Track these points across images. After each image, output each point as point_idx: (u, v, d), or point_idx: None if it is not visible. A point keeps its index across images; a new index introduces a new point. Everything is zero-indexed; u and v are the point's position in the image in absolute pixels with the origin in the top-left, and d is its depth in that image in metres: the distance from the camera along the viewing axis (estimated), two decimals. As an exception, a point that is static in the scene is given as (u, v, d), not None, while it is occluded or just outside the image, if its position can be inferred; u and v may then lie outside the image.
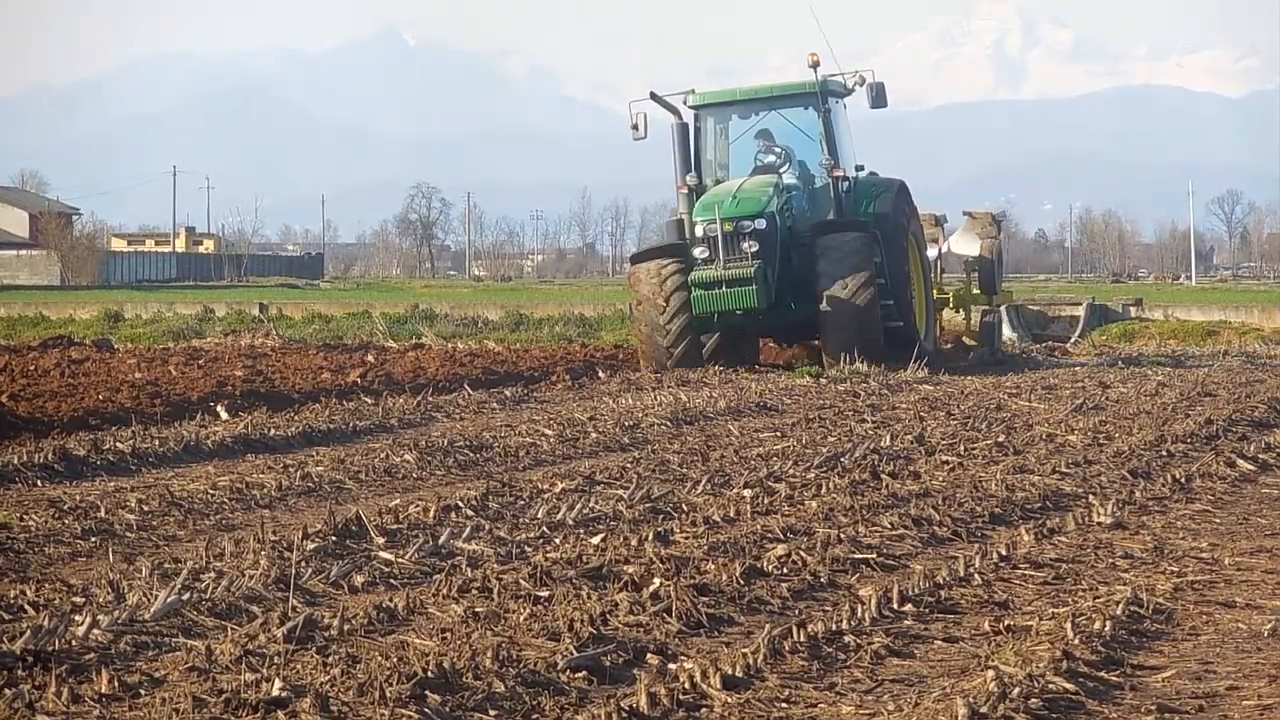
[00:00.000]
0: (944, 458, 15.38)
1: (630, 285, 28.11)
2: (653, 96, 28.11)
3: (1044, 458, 15.29)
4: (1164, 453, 15.69)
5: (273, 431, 16.77)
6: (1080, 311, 45.10)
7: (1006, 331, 43.45)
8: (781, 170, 28.23)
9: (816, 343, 28.28)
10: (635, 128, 27.80)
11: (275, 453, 15.65)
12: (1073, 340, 42.29)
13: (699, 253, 26.68)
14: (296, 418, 18.16)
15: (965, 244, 32.92)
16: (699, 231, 26.69)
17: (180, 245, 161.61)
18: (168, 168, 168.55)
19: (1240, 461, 15.10)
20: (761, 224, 26.54)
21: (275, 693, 6.98)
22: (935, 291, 31.06)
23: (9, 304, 55.21)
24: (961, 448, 16.14)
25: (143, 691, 7.25)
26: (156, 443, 15.47)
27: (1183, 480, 13.87)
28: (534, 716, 7.01)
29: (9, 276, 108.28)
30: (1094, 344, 41.24)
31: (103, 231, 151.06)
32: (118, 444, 15.18)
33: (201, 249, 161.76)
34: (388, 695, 7.00)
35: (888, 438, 16.81)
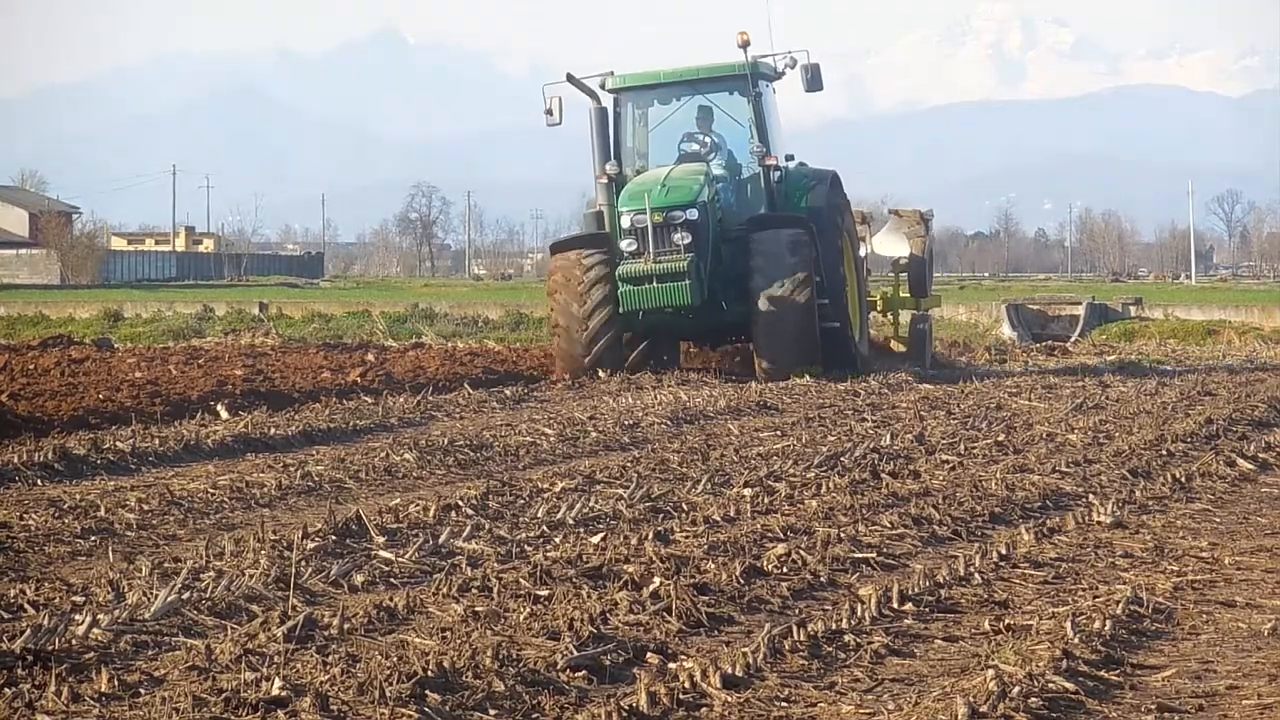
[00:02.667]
0: (944, 457, 15.38)
1: (548, 277, 26.07)
2: (569, 79, 26.08)
3: (1044, 457, 15.29)
4: (1164, 452, 15.69)
5: (273, 431, 16.77)
6: (1080, 311, 45.14)
7: (1006, 331, 43.53)
8: (709, 159, 26.28)
9: (745, 345, 26.22)
10: (549, 113, 25.74)
11: (275, 452, 15.64)
12: (1072, 340, 42.30)
13: (626, 245, 24.75)
14: (296, 417, 18.16)
15: (892, 243, 30.66)
16: (625, 223, 24.76)
17: (180, 244, 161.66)
18: (168, 167, 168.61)
19: (1240, 461, 15.10)
20: (694, 214, 24.67)
21: (275, 692, 6.98)
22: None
23: (9, 303, 55.24)
24: (961, 447, 16.14)
25: (143, 691, 7.25)
26: (156, 442, 15.47)
27: (1183, 480, 13.87)
28: (534, 716, 7.01)
29: (9, 276, 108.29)
30: (1094, 343, 41.25)
31: (102, 231, 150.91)
32: (118, 443, 15.18)
33: (201, 248, 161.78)
34: (388, 694, 7.00)
35: (888, 437, 16.81)
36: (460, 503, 12.19)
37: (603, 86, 26.17)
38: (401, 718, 6.82)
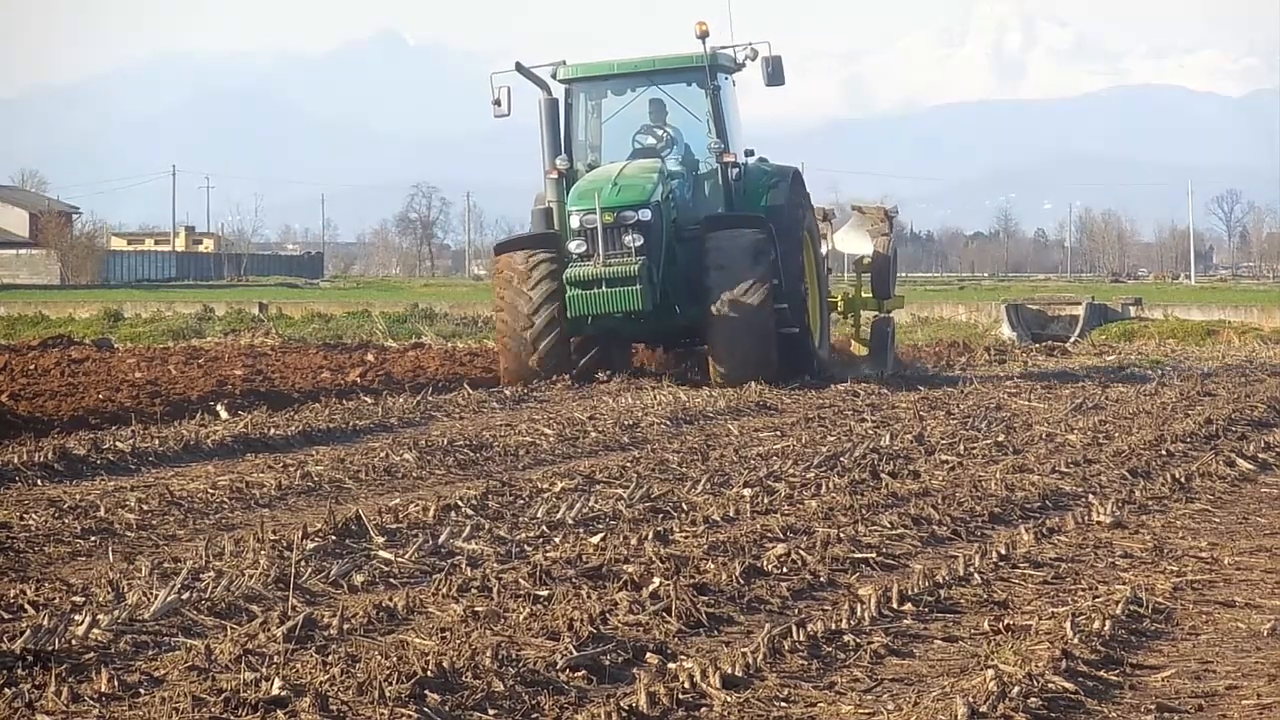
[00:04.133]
0: (944, 457, 15.39)
1: (493, 279, 24.92)
2: (518, 68, 24.89)
3: (1044, 457, 15.30)
4: (1164, 452, 15.69)
5: (273, 431, 16.77)
6: (1080, 311, 45.13)
7: (1006, 331, 43.53)
8: (664, 154, 24.97)
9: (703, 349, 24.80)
10: (497, 103, 24.40)
11: (275, 452, 15.64)
12: (1072, 340, 42.29)
13: (575, 246, 23.43)
14: (296, 417, 18.16)
15: (854, 241, 29.08)
16: (574, 223, 23.45)
17: (180, 244, 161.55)
18: (168, 168, 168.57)
19: (1240, 461, 15.10)
20: (646, 215, 23.35)
21: (275, 692, 6.99)
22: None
23: (9, 303, 55.22)
24: (961, 447, 16.15)
25: (142, 691, 7.25)
26: (156, 442, 15.47)
27: (1182, 480, 13.87)
28: (534, 716, 7.01)
29: (9, 276, 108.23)
30: (1093, 343, 41.23)
31: (102, 231, 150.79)
32: (118, 443, 15.18)
33: (201, 248, 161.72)
34: (387, 694, 7.00)
35: (887, 437, 16.81)
36: (460, 503, 12.19)
37: (554, 76, 25.03)
38: (401, 718, 6.82)
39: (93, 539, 11.08)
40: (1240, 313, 47.36)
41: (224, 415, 18.19)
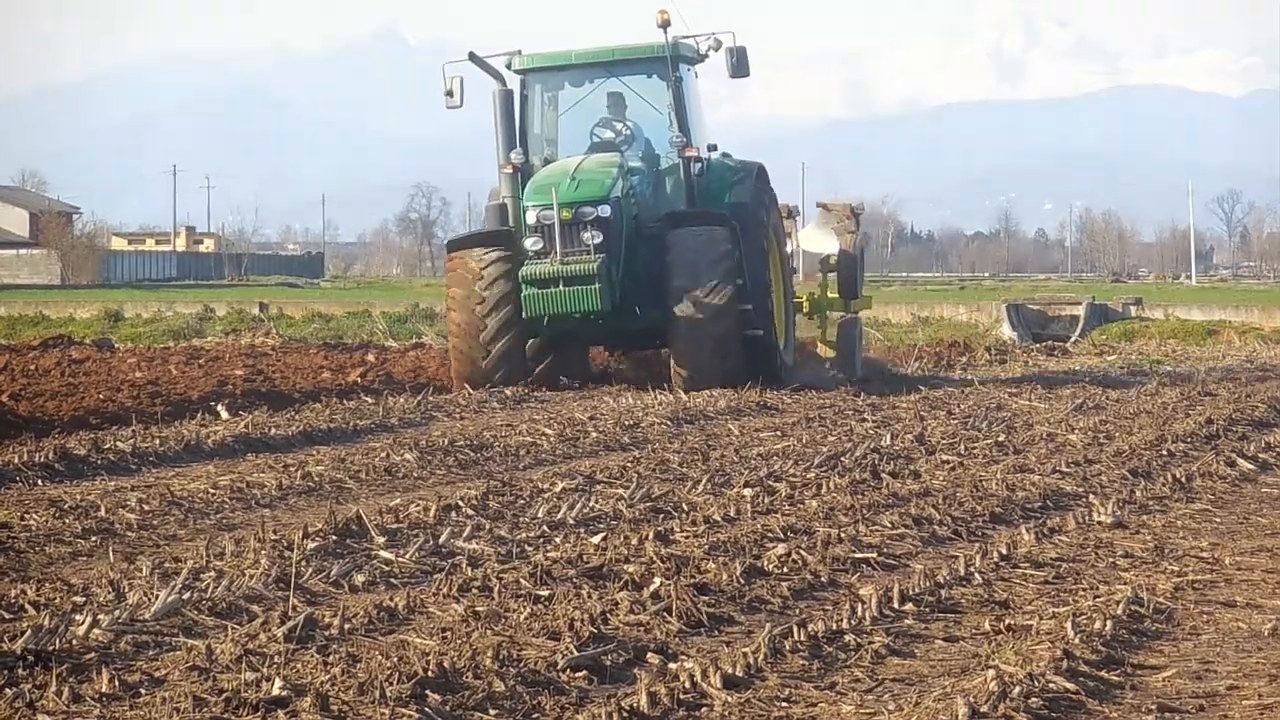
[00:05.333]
0: (944, 457, 15.39)
1: (446, 277, 23.78)
2: (471, 58, 23.86)
3: (1044, 457, 15.30)
4: (1164, 452, 15.69)
5: (273, 431, 16.77)
6: (1080, 311, 45.18)
7: (1006, 331, 43.55)
8: (624, 149, 23.96)
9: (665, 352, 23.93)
10: (449, 94, 23.50)
11: (275, 452, 15.64)
12: (1072, 340, 42.32)
13: (531, 244, 22.47)
14: (297, 417, 18.16)
15: (820, 239, 28.10)
16: (531, 219, 22.46)
17: (180, 244, 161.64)
18: (168, 167, 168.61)
19: (1240, 461, 15.10)
20: (606, 211, 22.38)
21: (275, 692, 6.98)
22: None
23: (9, 303, 55.23)
24: (962, 447, 16.15)
25: (143, 691, 7.25)
26: (157, 442, 15.47)
27: (1183, 480, 13.87)
28: (534, 716, 7.01)
29: (9, 276, 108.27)
30: (1094, 343, 41.25)
31: (103, 230, 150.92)
32: (118, 443, 15.18)
33: (202, 248, 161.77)
34: (388, 694, 7.00)
35: (888, 437, 16.81)
36: (460, 503, 12.19)
37: (508, 66, 24.07)
38: (401, 718, 6.82)
39: (93, 539, 11.08)
40: (1241, 313, 47.41)
41: (224, 415, 18.19)
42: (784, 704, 7.23)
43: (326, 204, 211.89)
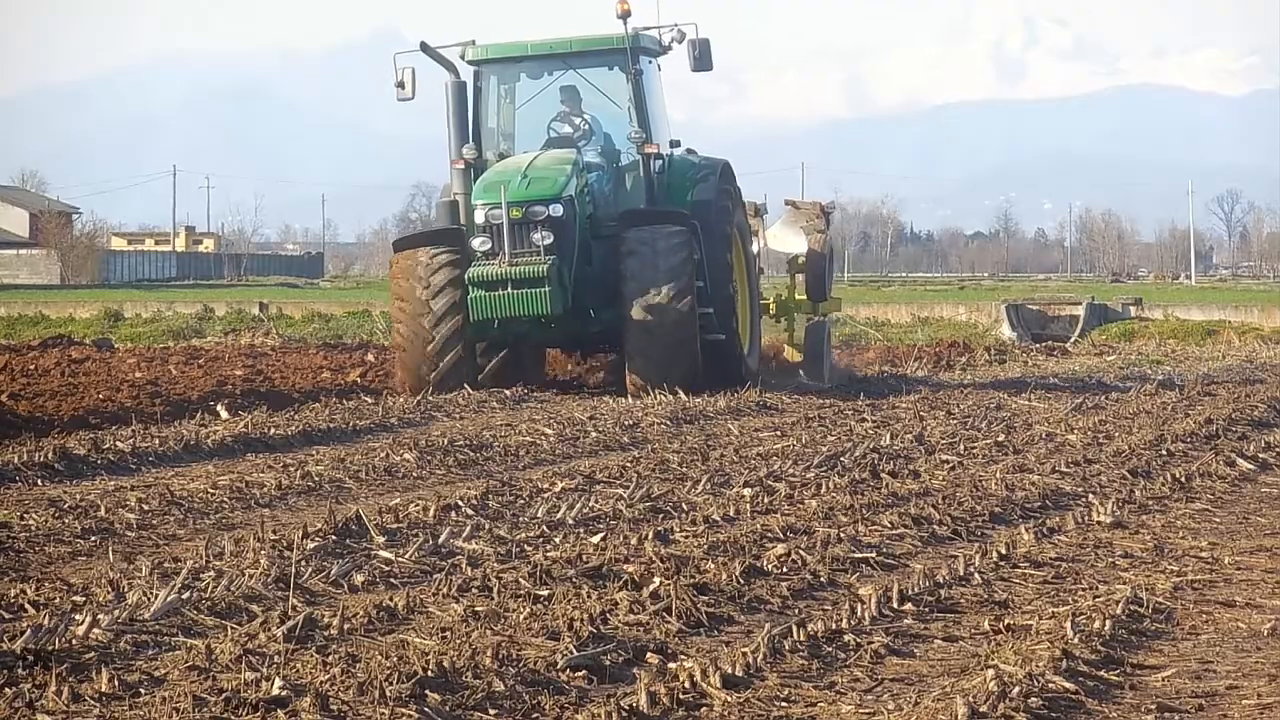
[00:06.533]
0: (944, 457, 15.39)
1: (390, 278, 22.63)
2: (423, 48, 22.93)
3: (1044, 457, 15.30)
4: (1164, 452, 15.70)
5: (273, 431, 16.77)
6: (1080, 311, 45.19)
7: (1006, 331, 43.56)
8: (581, 144, 23.11)
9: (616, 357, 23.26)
10: (401, 85, 22.70)
11: (275, 452, 15.65)
12: (1072, 340, 42.33)
13: (479, 244, 21.47)
14: (296, 417, 18.16)
15: (787, 238, 26.97)
16: (479, 218, 21.50)
17: (180, 244, 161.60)
18: (168, 167, 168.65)
19: (1240, 461, 15.10)
20: (558, 210, 21.42)
21: (275, 692, 6.99)
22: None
23: (9, 303, 55.22)
24: (961, 447, 16.15)
25: (143, 690, 7.25)
26: (156, 442, 15.48)
27: (1183, 479, 13.88)
28: (534, 716, 7.01)
29: (9, 276, 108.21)
30: (1094, 343, 41.26)
31: (103, 230, 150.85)
32: (118, 443, 15.18)
33: (201, 248, 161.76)
34: (388, 694, 7.00)
35: (887, 437, 16.82)
36: (460, 503, 12.20)
37: (462, 57, 23.08)
38: (401, 718, 6.82)
39: (93, 539, 11.08)
40: (1240, 312, 47.42)
41: (224, 415, 18.19)
42: (783, 704, 7.23)
43: (326, 204, 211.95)
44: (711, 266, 22.41)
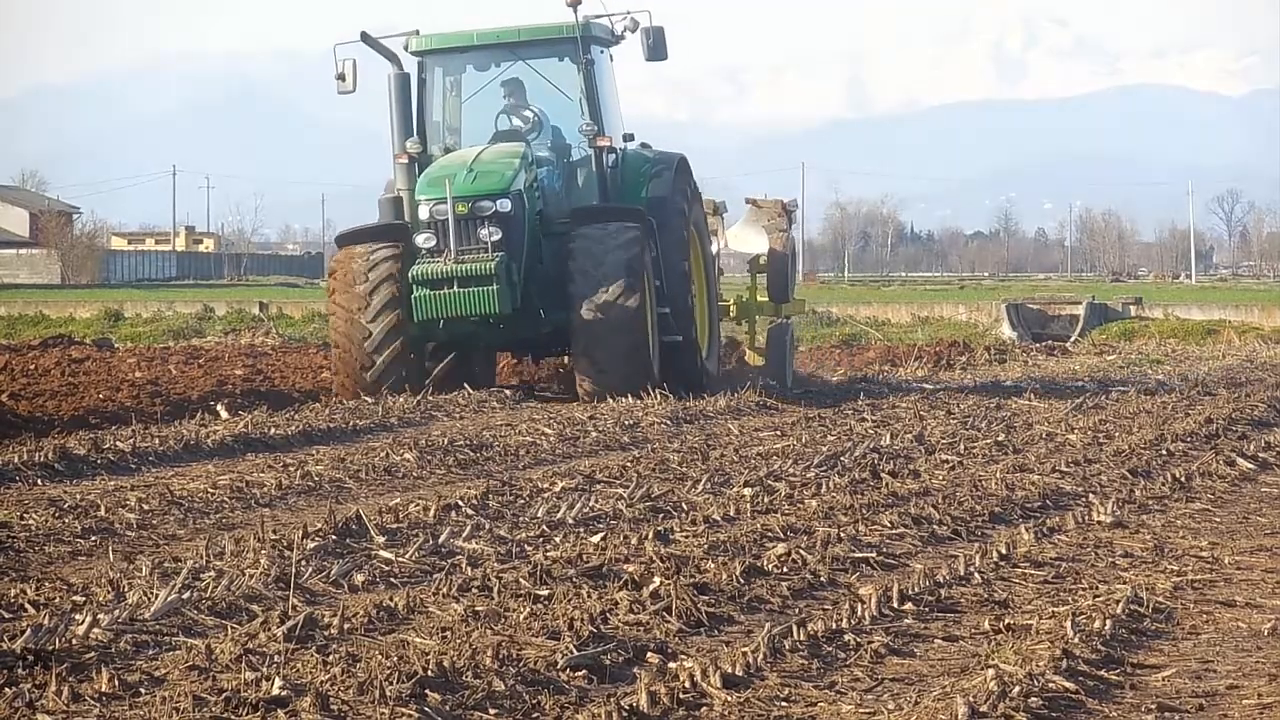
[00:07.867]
0: (944, 456, 15.39)
1: (328, 275, 21.78)
2: (364, 39, 22.16)
3: (1044, 457, 15.30)
4: (1164, 452, 15.69)
5: (273, 430, 16.77)
6: (1080, 310, 45.19)
7: (1006, 331, 43.56)
8: (530, 138, 22.17)
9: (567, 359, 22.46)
10: (341, 78, 22.03)
11: (275, 452, 15.65)
12: (1072, 339, 42.33)
13: (423, 240, 20.77)
14: (296, 417, 18.16)
15: (749, 238, 26.06)
16: (424, 214, 20.79)
17: (180, 244, 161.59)
18: (168, 167, 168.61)
19: (1240, 460, 15.10)
20: (506, 205, 20.65)
21: (275, 692, 6.98)
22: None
23: (9, 303, 55.21)
24: (961, 446, 16.15)
25: (143, 690, 7.25)
26: (156, 442, 15.47)
27: (1183, 479, 13.87)
28: (534, 715, 7.01)
29: (9, 275, 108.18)
30: (1094, 343, 41.27)
31: (103, 230, 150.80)
32: (118, 443, 15.18)
33: (201, 248, 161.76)
34: (388, 694, 7.00)
35: (887, 437, 16.82)
36: (460, 502, 12.20)
37: (405, 48, 22.33)
38: (401, 717, 6.82)
39: (93, 539, 11.08)
40: (1240, 312, 47.40)
41: (224, 415, 18.19)
42: (784, 704, 7.23)
43: (326, 204, 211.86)
44: (668, 265, 21.67)
